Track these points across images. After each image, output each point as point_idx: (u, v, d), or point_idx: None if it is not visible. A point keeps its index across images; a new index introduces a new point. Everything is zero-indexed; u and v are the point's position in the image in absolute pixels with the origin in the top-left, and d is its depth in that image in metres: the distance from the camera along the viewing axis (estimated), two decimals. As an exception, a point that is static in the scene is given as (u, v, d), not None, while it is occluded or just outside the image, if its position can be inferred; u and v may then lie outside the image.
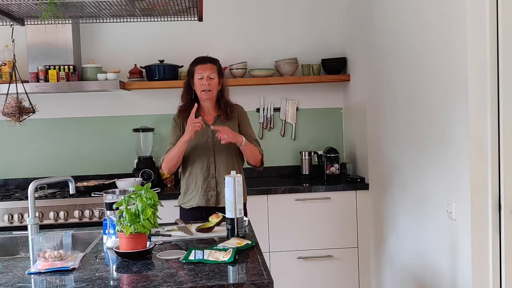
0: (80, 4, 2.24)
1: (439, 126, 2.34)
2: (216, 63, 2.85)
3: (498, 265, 2.05)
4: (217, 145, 2.78)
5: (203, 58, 2.87)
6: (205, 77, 2.77)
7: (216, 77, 2.81)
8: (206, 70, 2.78)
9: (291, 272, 3.48)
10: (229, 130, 2.68)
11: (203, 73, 2.77)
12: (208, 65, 2.80)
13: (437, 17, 2.31)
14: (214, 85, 2.79)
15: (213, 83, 2.78)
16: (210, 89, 2.77)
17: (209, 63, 2.82)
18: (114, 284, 1.68)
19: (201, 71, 2.78)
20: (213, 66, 2.81)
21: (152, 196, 1.89)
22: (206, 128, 2.79)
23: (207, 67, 2.79)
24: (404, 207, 2.83)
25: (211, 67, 2.80)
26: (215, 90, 2.81)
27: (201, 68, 2.79)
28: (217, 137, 2.68)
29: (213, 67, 2.81)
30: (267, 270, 1.71)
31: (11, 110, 2.95)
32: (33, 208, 2.04)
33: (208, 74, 2.77)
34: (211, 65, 2.81)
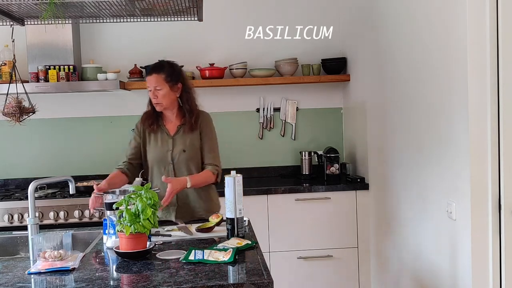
0: (80, 4, 2.24)
1: (439, 126, 2.34)
2: (162, 71, 2.60)
3: (498, 265, 2.05)
4: (176, 158, 2.64)
5: (151, 67, 2.67)
6: (152, 89, 2.59)
7: (165, 87, 2.58)
8: (152, 82, 2.59)
9: (291, 272, 3.48)
10: (174, 184, 2.42)
11: (150, 85, 2.60)
12: (153, 77, 2.59)
13: (437, 17, 2.31)
14: (162, 97, 2.58)
15: (161, 95, 2.58)
16: (158, 102, 2.60)
17: (153, 74, 2.60)
18: (114, 284, 1.68)
19: (148, 84, 2.61)
20: (157, 76, 2.58)
21: (152, 196, 1.89)
22: (167, 140, 2.67)
23: (151, 79, 2.59)
24: (404, 207, 2.83)
25: (155, 78, 2.58)
26: (165, 100, 2.60)
27: (148, 80, 2.62)
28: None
29: (158, 77, 2.58)
30: (267, 270, 1.71)
31: (11, 110, 2.95)
32: (33, 208, 2.04)
33: (154, 86, 2.58)
34: (155, 76, 2.58)
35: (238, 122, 4.00)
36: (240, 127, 4.00)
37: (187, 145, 2.65)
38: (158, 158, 2.67)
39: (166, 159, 2.66)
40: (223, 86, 3.82)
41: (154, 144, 2.68)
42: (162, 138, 2.69)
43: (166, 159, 2.66)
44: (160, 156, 2.67)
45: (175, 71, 2.66)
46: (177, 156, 2.64)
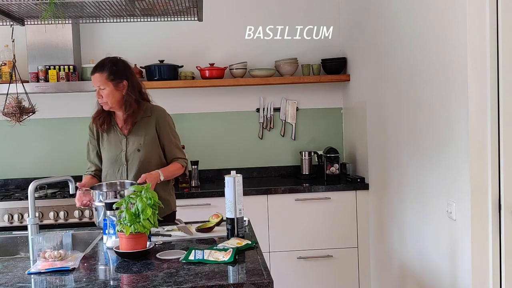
0: (80, 4, 2.24)
1: (439, 126, 2.34)
2: (104, 69, 2.53)
3: (498, 265, 2.05)
4: (130, 159, 2.58)
5: (95, 66, 2.58)
6: (97, 90, 2.54)
7: (109, 86, 2.51)
8: (95, 82, 2.53)
9: (291, 272, 3.48)
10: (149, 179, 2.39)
11: (94, 85, 2.54)
12: (95, 76, 2.53)
13: (437, 17, 2.31)
14: (106, 96, 2.52)
15: (105, 95, 2.51)
16: (103, 102, 2.54)
17: (96, 73, 2.53)
18: (114, 284, 1.68)
19: (93, 83, 2.55)
20: (100, 75, 2.51)
21: (152, 196, 1.89)
22: (120, 140, 2.61)
23: (94, 78, 2.53)
24: (404, 207, 2.83)
25: (98, 77, 2.52)
26: (110, 99, 2.53)
27: (92, 80, 2.55)
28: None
29: (100, 76, 2.51)
30: (267, 270, 1.71)
31: (11, 110, 2.95)
32: (33, 208, 2.04)
33: (98, 86, 2.53)
34: (98, 75, 2.52)
35: (238, 122, 4.00)
36: (240, 127, 4.00)
37: (141, 144, 2.58)
38: (112, 159, 2.61)
39: (120, 159, 2.60)
40: (223, 86, 3.82)
41: (108, 144, 2.63)
42: (115, 138, 2.62)
43: (120, 160, 2.59)
44: (114, 157, 2.61)
45: (118, 69, 2.56)
46: (132, 156, 2.58)
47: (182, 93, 3.93)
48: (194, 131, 3.97)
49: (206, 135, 3.98)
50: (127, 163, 2.59)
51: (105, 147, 2.65)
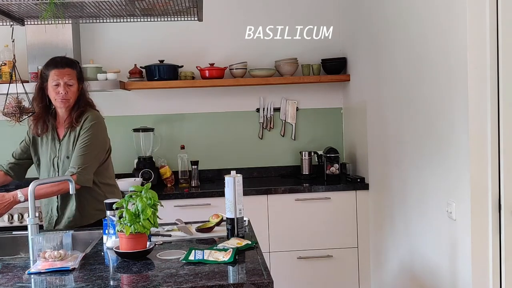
0: (80, 4, 2.24)
1: (439, 126, 2.34)
2: (75, 67, 2.50)
3: (498, 265, 2.05)
4: (61, 165, 2.48)
5: (60, 60, 2.48)
6: (62, 84, 2.42)
7: (76, 83, 2.46)
8: (64, 76, 2.43)
9: (291, 272, 3.48)
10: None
11: (60, 79, 2.42)
12: (66, 70, 2.44)
13: (437, 17, 2.32)
14: (72, 93, 2.45)
15: (71, 91, 2.44)
16: (66, 98, 2.43)
17: (67, 68, 2.44)
18: (114, 284, 1.68)
19: (57, 77, 2.42)
20: (72, 71, 2.45)
21: (152, 196, 1.89)
22: (55, 145, 2.52)
23: (64, 72, 2.43)
24: (404, 207, 2.83)
25: (69, 72, 2.44)
26: (73, 98, 2.46)
27: (58, 73, 2.43)
28: None
29: (72, 72, 2.45)
30: (267, 270, 1.71)
31: (11, 110, 2.95)
32: (33, 208, 2.04)
33: (65, 81, 2.42)
34: (69, 70, 2.44)
35: (238, 122, 4.00)
36: (240, 127, 4.00)
37: (70, 151, 2.47)
38: (46, 165, 2.53)
39: (54, 165, 2.51)
40: (223, 86, 3.82)
41: (45, 149, 2.53)
42: (51, 143, 2.53)
43: (54, 166, 2.51)
44: (48, 162, 2.52)
45: (81, 70, 2.56)
46: (61, 163, 2.49)
47: (182, 93, 3.93)
48: (194, 131, 3.97)
49: (206, 135, 3.98)
50: (59, 170, 2.50)
51: (43, 151, 2.55)
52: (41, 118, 2.51)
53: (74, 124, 2.48)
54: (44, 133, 2.52)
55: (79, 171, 2.40)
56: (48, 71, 2.47)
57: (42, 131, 2.52)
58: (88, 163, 2.43)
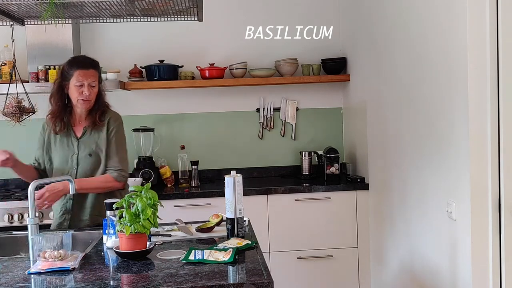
0: (80, 4, 2.24)
1: (439, 126, 2.34)
2: (98, 68, 2.51)
3: (498, 265, 2.05)
4: (81, 163, 2.48)
5: (84, 61, 2.48)
6: (86, 85, 2.41)
7: (97, 85, 2.48)
8: (88, 77, 2.42)
9: (291, 272, 3.48)
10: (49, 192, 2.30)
11: (84, 80, 2.41)
12: (91, 72, 2.44)
13: (437, 17, 2.32)
14: (94, 95, 2.46)
15: (94, 92, 2.45)
16: (89, 99, 2.44)
17: (91, 69, 2.45)
18: (114, 284, 1.68)
19: (81, 78, 2.41)
20: (95, 72, 2.46)
21: (152, 196, 1.89)
22: (73, 142, 2.50)
23: (89, 73, 2.43)
24: (404, 207, 2.83)
25: (93, 73, 2.45)
26: (94, 99, 2.48)
27: (82, 74, 2.42)
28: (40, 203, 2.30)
29: (96, 74, 2.46)
30: (267, 270, 1.70)
31: (11, 110, 2.95)
32: (33, 208, 2.04)
33: (89, 82, 2.42)
34: (93, 71, 2.45)
35: (238, 122, 4.00)
36: (240, 127, 4.00)
37: (93, 149, 2.48)
38: (63, 162, 2.50)
39: (71, 163, 2.49)
40: (223, 86, 3.82)
41: (60, 146, 2.51)
42: (68, 140, 2.51)
43: (71, 164, 2.49)
44: (65, 160, 2.49)
45: (101, 72, 2.57)
46: (82, 161, 2.48)
47: (182, 93, 3.93)
48: (194, 131, 3.97)
49: (206, 135, 3.98)
50: (77, 167, 2.49)
51: (57, 150, 2.53)
52: (59, 116, 2.50)
53: (98, 123, 2.49)
54: (62, 131, 2.51)
55: (119, 170, 2.48)
56: (72, 70, 2.43)
57: (60, 129, 2.50)
58: (124, 162, 2.54)
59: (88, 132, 2.51)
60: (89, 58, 2.52)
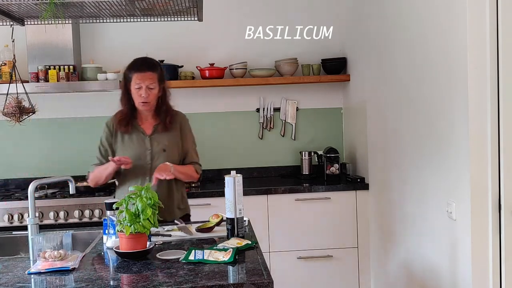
0: (80, 4, 2.24)
1: (439, 126, 2.34)
2: (157, 70, 2.54)
3: (498, 265, 2.05)
4: (155, 159, 2.55)
5: (141, 63, 2.53)
6: (144, 87, 2.47)
7: (157, 86, 2.51)
8: (146, 79, 2.48)
9: (291, 272, 3.48)
10: (160, 170, 2.44)
11: (142, 83, 2.47)
12: (148, 74, 2.48)
13: (437, 17, 2.31)
14: (153, 96, 2.51)
15: (152, 94, 2.50)
16: (148, 101, 2.50)
17: (149, 72, 2.49)
18: (114, 284, 1.68)
19: (139, 81, 2.47)
20: (153, 74, 2.50)
21: (152, 196, 1.89)
22: (143, 139, 2.58)
23: (146, 76, 2.48)
24: (404, 207, 2.83)
25: (151, 76, 2.49)
26: (154, 100, 2.54)
27: (140, 77, 2.47)
28: (154, 182, 2.43)
29: (153, 76, 2.50)
30: (267, 270, 1.71)
31: (11, 110, 2.95)
32: (33, 208, 2.04)
33: (147, 85, 2.47)
34: (151, 74, 2.49)
35: (238, 122, 4.00)
36: (240, 127, 4.00)
37: (166, 145, 2.58)
38: (136, 157, 2.54)
39: (145, 158, 2.56)
40: (223, 86, 3.82)
41: (130, 143, 2.57)
42: (137, 137, 2.58)
43: (145, 159, 2.56)
44: (138, 155, 2.55)
45: (162, 71, 2.60)
46: (157, 156, 2.56)
47: (182, 93, 3.92)
48: (194, 131, 3.95)
49: (206, 135, 3.98)
50: (152, 162, 2.55)
51: (126, 146, 2.58)
52: (127, 116, 2.58)
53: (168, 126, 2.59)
54: (128, 130, 2.58)
55: (199, 164, 2.69)
56: (130, 74, 2.51)
57: (129, 129, 2.58)
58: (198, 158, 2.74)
59: (158, 130, 2.59)
60: (147, 60, 2.56)
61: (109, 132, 2.63)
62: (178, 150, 2.63)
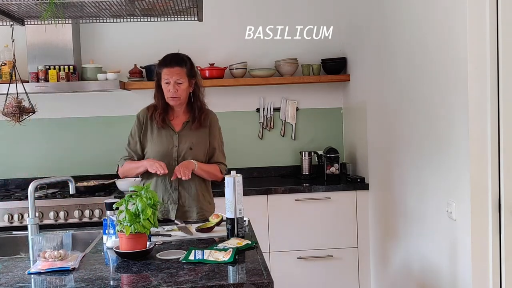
0: (80, 4, 2.24)
1: (439, 126, 2.34)
2: (185, 65, 2.56)
3: (498, 265, 2.05)
4: (182, 155, 2.58)
5: (170, 59, 2.57)
6: (172, 83, 2.51)
7: (186, 81, 2.54)
8: (173, 75, 2.51)
9: (291, 272, 3.48)
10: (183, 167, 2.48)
11: (170, 78, 2.51)
12: (176, 69, 2.52)
13: (437, 17, 2.31)
14: (182, 91, 2.54)
15: (181, 89, 2.53)
16: (177, 96, 2.54)
17: (176, 67, 2.52)
18: (114, 284, 1.68)
19: (167, 76, 2.52)
20: (181, 69, 2.52)
21: (152, 196, 1.89)
22: (171, 135, 2.60)
23: (174, 71, 2.51)
24: (404, 207, 2.83)
25: (178, 71, 2.52)
26: (184, 95, 2.56)
27: (168, 72, 2.52)
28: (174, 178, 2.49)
29: (181, 71, 2.52)
30: (267, 270, 1.71)
31: (11, 110, 2.95)
32: (33, 208, 2.04)
33: (175, 80, 2.51)
34: (178, 69, 2.52)
35: (238, 122, 4.00)
36: (240, 127, 4.00)
37: (194, 143, 2.60)
38: (162, 154, 2.58)
39: (171, 155, 2.59)
40: (223, 86, 3.82)
41: (158, 139, 2.60)
42: (166, 133, 2.61)
43: (171, 156, 2.59)
44: (165, 152, 2.59)
45: (193, 66, 2.62)
46: (183, 153, 2.58)
47: (182, 93, 3.92)
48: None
49: (206, 135, 3.98)
50: (178, 159, 2.58)
51: (154, 141, 2.61)
52: (163, 111, 2.61)
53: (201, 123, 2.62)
54: (161, 124, 2.61)
55: (224, 165, 2.72)
56: (160, 69, 2.57)
57: (158, 121, 2.61)
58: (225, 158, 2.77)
59: (187, 127, 2.62)
60: (176, 56, 2.59)
61: (139, 124, 2.66)
62: (205, 148, 2.65)
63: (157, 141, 2.61)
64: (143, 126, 2.65)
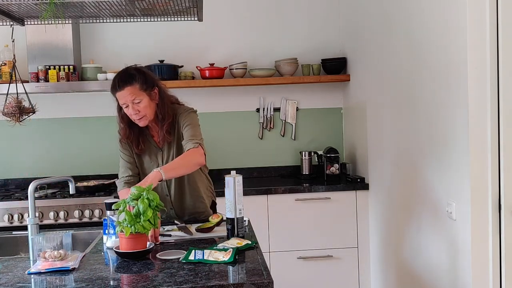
0: (80, 4, 2.24)
1: (439, 126, 2.34)
2: (135, 80, 2.28)
3: (498, 265, 2.05)
4: None
5: (118, 81, 2.30)
6: (130, 105, 2.28)
7: (144, 95, 2.29)
8: (126, 97, 2.27)
9: (291, 272, 3.48)
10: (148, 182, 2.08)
11: (125, 101, 2.28)
12: (127, 90, 2.26)
13: (437, 17, 2.31)
14: (144, 109, 2.29)
15: (143, 107, 2.29)
16: (141, 116, 2.31)
17: (126, 87, 2.26)
18: (114, 284, 1.68)
19: (122, 100, 2.29)
20: (132, 88, 2.26)
21: (153, 198, 1.89)
22: (156, 154, 2.46)
23: (125, 93, 2.26)
24: (404, 207, 2.83)
25: (130, 90, 2.26)
26: (148, 111, 2.32)
27: (120, 96, 2.29)
28: None
29: (134, 89, 2.27)
30: (267, 270, 1.71)
31: (11, 110, 2.95)
32: (33, 208, 2.04)
33: (131, 100, 2.27)
34: (129, 88, 2.26)
35: (238, 122, 4.00)
36: (240, 127, 4.00)
37: (174, 154, 2.44)
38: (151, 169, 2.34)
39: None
40: (223, 86, 3.82)
41: (146, 159, 2.47)
42: (150, 152, 2.46)
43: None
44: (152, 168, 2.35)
45: (147, 76, 2.34)
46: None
47: (182, 93, 3.88)
48: (194, 131, 3.97)
49: (206, 135, 3.94)
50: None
51: (144, 162, 2.48)
52: (133, 135, 2.42)
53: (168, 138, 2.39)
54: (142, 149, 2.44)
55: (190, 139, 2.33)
56: (113, 95, 2.34)
57: (139, 147, 2.43)
58: (200, 136, 2.41)
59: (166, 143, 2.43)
60: (123, 75, 2.33)
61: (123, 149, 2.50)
62: None
63: (146, 161, 2.47)
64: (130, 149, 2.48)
